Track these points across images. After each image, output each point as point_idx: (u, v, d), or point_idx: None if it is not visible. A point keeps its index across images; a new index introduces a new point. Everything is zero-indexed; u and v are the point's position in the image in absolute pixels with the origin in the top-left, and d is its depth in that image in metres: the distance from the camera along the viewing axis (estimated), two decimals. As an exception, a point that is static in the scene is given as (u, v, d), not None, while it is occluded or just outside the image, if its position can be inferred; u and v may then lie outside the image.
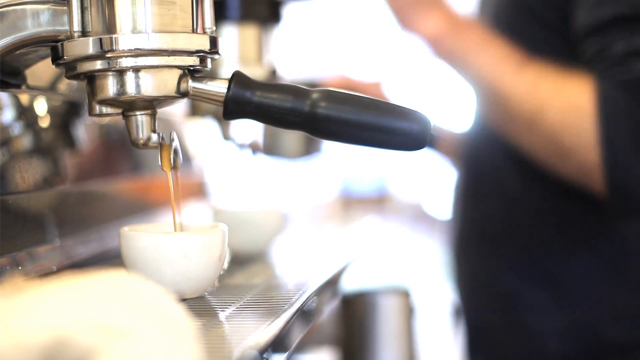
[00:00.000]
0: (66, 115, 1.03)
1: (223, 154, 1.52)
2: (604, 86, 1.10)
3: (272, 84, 0.75)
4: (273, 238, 1.12)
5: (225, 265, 1.01)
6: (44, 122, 0.97)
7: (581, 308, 1.22)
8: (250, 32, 0.92)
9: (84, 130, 1.05)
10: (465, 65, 1.17)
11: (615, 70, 1.10)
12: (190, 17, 0.72)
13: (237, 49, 0.92)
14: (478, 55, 1.16)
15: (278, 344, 0.69)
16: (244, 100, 0.74)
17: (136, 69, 0.71)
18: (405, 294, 1.29)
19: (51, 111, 0.99)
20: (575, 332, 1.23)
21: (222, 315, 0.76)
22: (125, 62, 0.70)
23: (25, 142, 0.91)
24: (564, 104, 1.12)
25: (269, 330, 0.69)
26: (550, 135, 1.13)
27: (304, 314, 0.81)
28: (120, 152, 1.17)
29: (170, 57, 0.71)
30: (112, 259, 1.02)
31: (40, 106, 0.96)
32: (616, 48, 1.10)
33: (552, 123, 1.12)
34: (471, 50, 1.17)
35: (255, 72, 0.91)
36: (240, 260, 1.06)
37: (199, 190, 1.49)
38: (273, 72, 0.93)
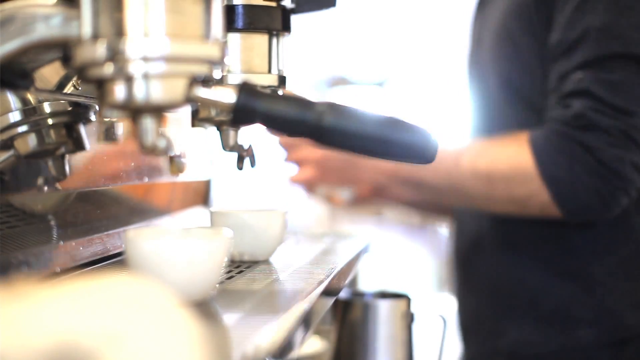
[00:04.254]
0: (73, 116, 1.03)
1: (226, 159, 1.52)
2: (538, 134, 1.26)
3: (279, 95, 0.76)
4: (275, 241, 1.12)
5: (228, 269, 1.02)
6: (51, 123, 0.97)
7: (606, 299, 1.35)
8: (258, 40, 0.92)
9: (90, 132, 1.05)
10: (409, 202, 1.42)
11: (559, 104, 1.25)
12: (201, 24, 0.72)
13: (246, 57, 0.92)
14: (424, 174, 1.35)
15: (279, 348, 0.69)
16: (252, 110, 0.74)
17: (145, 75, 0.71)
18: (403, 300, 1.29)
19: (58, 112, 0.99)
20: (602, 320, 1.34)
21: (223, 320, 0.77)
22: (134, 68, 0.71)
23: (31, 142, 0.92)
24: (506, 166, 1.28)
25: (270, 335, 0.70)
26: (505, 196, 1.30)
27: (305, 318, 0.82)
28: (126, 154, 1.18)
29: (180, 65, 0.71)
30: (115, 261, 1.03)
31: (47, 107, 0.97)
32: (570, 78, 1.25)
33: (502, 186, 1.29)
34: (414, 174, 1.36)
35: (264, 81, 0.92)
36: (242, 264, 1.07)
37: (202, 194, 1.50)
38: (282, 81, 0.94)
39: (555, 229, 1.36)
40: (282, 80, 0.94)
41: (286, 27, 0.94)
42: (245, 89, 0.74)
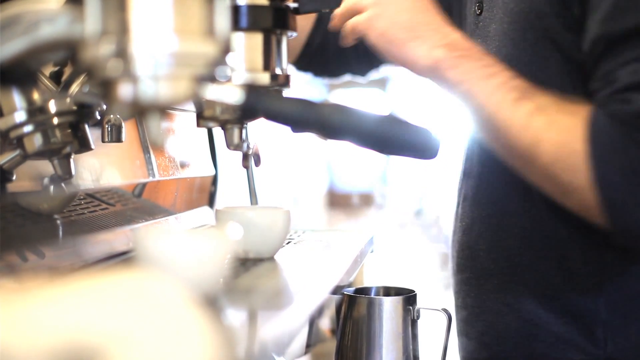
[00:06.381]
0: (78, 116, 1.04)
1: (230, 157, 1.53)
2: (599, 120, 1.02)
3: (282, 95, 0.77)
4: (280, 239, 1.13)
5: (232, 265, 1.03)
6: (56, 123, 0.98)
7: (606, 343, 1.15)
8: (262, 39, 0.93)
9: (96, 131, 1.06)
10: (464, 93, 1.08)
11: (615, 99, 1.03)
12: (207, 24, 0.73)
13: (249, 56, 0.93)
14: (477, 83, 1.07)
15: (284, 344, 0.70)
16: (256, 108, 0.75)
17: (152, 75, 0.71)
18: (408, 295, 1.30)
19: (63, 112, 1.00)
20: None
21: (229, 317, 0.77)
22: (141, 67, 0.71)
23: (36, 142, 0.92)
24: (558, 139, 1.04)
25: (275, 331, 0.70)
26: (546, 170, 1.06)
27: (310, 314, 0.82)
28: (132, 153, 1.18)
29: (186, 64, 0.72)
30: (121, 259, 1.04)
31: (53, 106, 0.97)
32: (621, 73, 1.03)
33: (547, 158, 1.04)
34: (470, 78, 1.07)
35: (267, 80, 0.92)
36: (247, 261, 1.08)
37: (207, 192, 1.51)
38: (286, 80, 0.94)
39: (555, 259, 1.17)
40: (286, 79, 0.94)
41: (290, 27, 0.95)
42: (249, 86, 0.75)
